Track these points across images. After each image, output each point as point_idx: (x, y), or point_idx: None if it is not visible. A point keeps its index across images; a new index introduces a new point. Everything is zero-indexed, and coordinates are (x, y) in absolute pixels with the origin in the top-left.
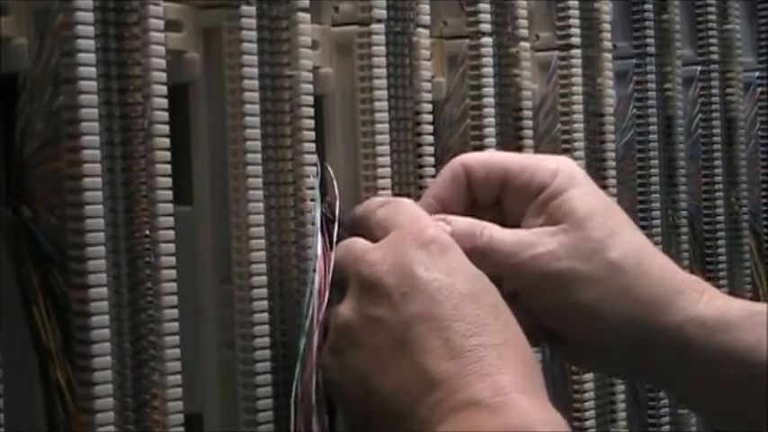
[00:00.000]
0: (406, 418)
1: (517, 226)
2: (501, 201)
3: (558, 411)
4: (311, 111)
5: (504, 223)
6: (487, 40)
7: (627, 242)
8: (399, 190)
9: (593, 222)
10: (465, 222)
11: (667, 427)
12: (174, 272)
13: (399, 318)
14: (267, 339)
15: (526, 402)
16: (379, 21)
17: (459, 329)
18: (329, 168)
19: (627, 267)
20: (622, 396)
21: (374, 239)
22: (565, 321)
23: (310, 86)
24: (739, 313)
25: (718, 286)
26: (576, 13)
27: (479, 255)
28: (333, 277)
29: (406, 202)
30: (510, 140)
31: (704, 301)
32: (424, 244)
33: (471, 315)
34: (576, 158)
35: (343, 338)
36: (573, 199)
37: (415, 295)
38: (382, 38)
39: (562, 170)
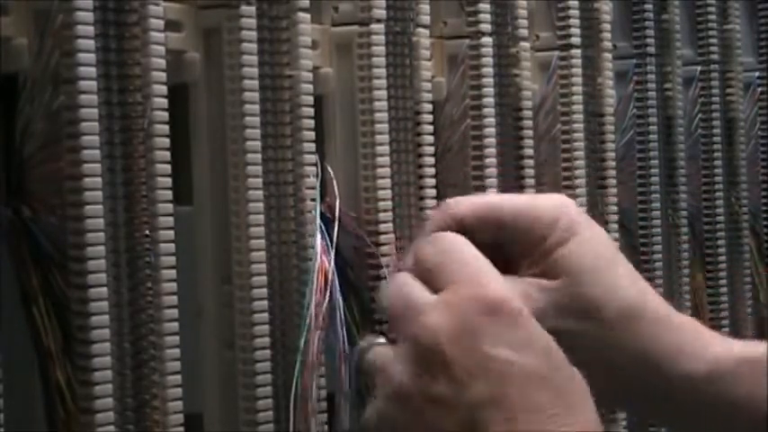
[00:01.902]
0: None
1: (518, 267)
2: (499, 244)
3: None
4: (311, 111)
5: (506, 264)
6: (487, 40)
7: (623, 298)
8: (399, 190)
9: (590, 278)
10: None
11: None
12: (174, 272)
13: (465, 400)
14: (267, 339)
15: None
16: (379, 21)
17: (527, 419)
18: (329, 168)
19: (621, 326)
20: None
21: (426, 281)
22: None
23: (310, 86)
24: (735, 362)
25: (718, 286)
26: (576, 13)
27: None
28: (380, 316)
29: (459, 241)
30: (510, 140)
31: (699, 354)
32: (491, 311)
33: (540, 403)
34: (575, 158)
35: (397, 407)
36: (570, 254)
37: (480, 375)
38: (382, 38)
39: (561, 219)
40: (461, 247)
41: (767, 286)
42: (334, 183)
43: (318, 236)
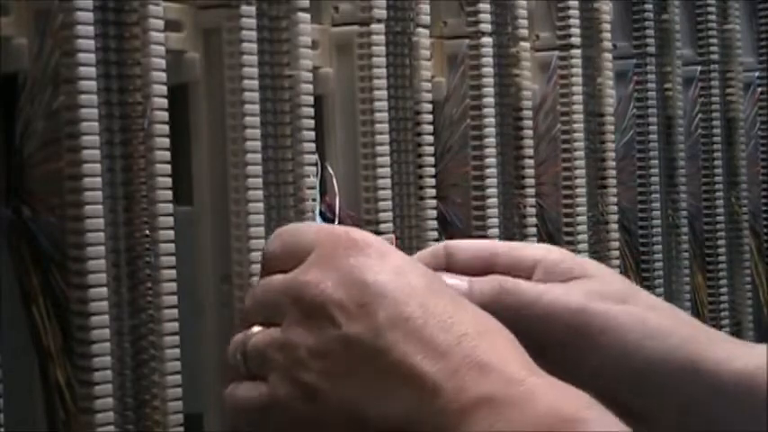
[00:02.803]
0: None
1: None
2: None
3: None
4: (311, 111)
5: None
6: (487, 40)
7: (646, 296)
8: (399, 190)
9: (609, 276)
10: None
11: None
12: (173, 272)
13: (366, 330)
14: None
15: (548, 387)
16: (379, 21)
17: (436, 324)
18: (329, 168)
19: (655, 313)
20: None
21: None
22: (594, 376)
23: (310, 86)
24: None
25: (718, 286)
26: (576, 13)
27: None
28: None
29: (300, 224)
30: (510, 140)
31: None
32: (360, 249)
33: (441, 308)
34: (575, 158)
35: (308, 374)
36: (582, 262)
37: (375, 302)
38: (382, 38)
39: (561, 250)
40: (306, 226)
41: (767, 286)
42: (335, 182)
43: None
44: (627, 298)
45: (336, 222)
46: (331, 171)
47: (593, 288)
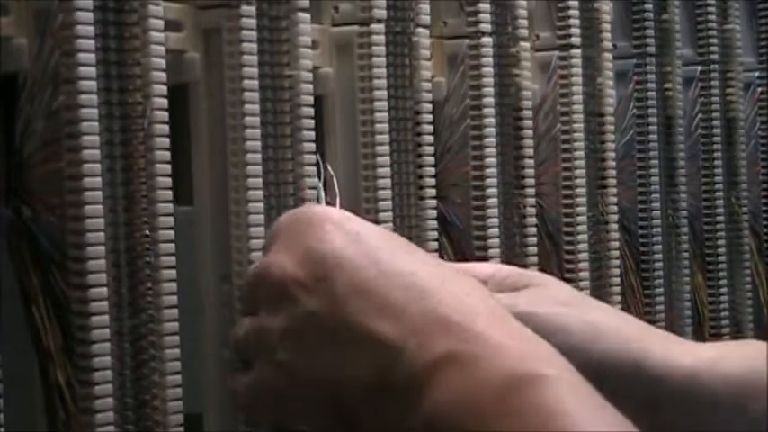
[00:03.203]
0: (386, 401)
1: None
2: None
3: None
4: (311, 111)
5: None
6: (487, 40)
7: (594, 301)
8: (399, 190)
9: (556, 284)
10: None
11: None
12: (173, 272)
13: (326, 303)
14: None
15: (510, 341)
16: (379, 21)
17: (397, 284)
18: (329, 168)
19: (601, 314)
20: None
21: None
22: None
23: (310, 86)
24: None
25: (718, 286)
26: (576, 13)
27: None
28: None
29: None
30: (510, 140)
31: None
32: (317, 224)
33: (402, 266)
34: (575, 158)
35: (283, 354)
36: (531, 274)
37: (332, 274)
38: (382, 38)
39: (510, 267)
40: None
41: (767, 286)
42: (335, 182)
43: None
44: (574, 303)
45: None
46: (331, 171)
47: (541, 294)
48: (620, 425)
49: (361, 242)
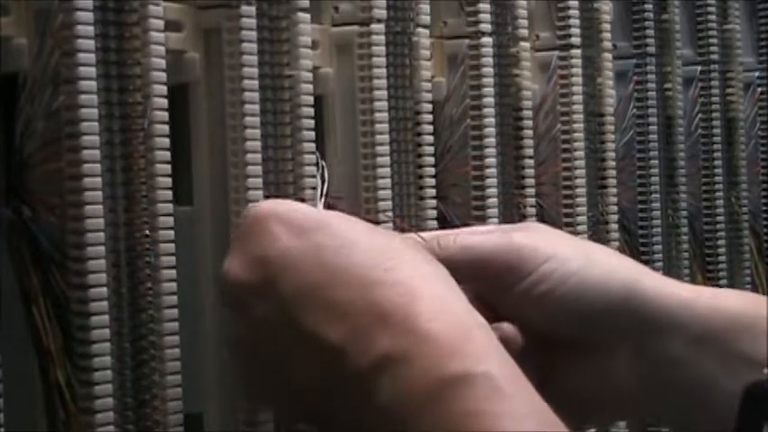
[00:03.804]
0: (338, 402)
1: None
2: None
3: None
4: (311, 111)
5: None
6: (487, 40)
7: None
8: (399, 190)
9: (551, 228)
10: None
11: (667, 428)
12: (174, 272)
13: (275, 307)
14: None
15: (442, 336)
16: (379, 21)
17: (343, 282)
18: (321, 161)
19: (604, 258)
20: None
21: None
22: (553, 316)
23: (310, 86)
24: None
25: (719, 286)
26: (576, 13)
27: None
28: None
29: None
30: (510, 140)
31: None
32: (263, 225)
33: (351, 259)
34: (575, 158)
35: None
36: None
37: (279, 276)
38: (382, 38)
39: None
40: None
41: (767, 286)
42: (325, 173)
43: None
44: (569, 237)
45: None
46: (323, 163)
47: (537, 229)
48: (547, 425)
49: (303, 238)
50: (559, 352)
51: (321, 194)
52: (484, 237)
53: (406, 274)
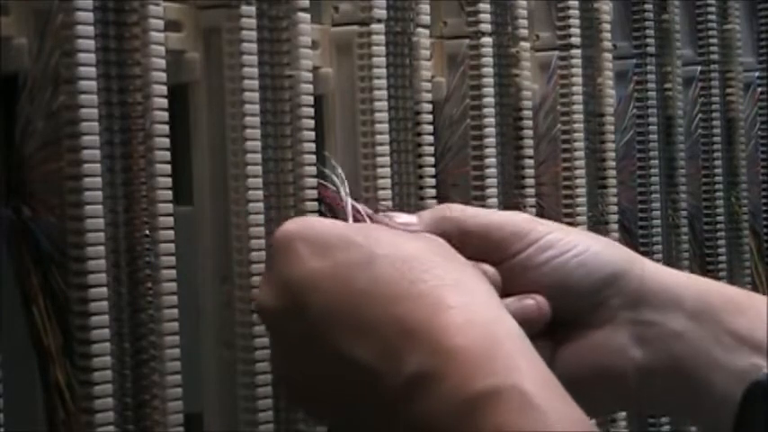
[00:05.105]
0: (377, 416)
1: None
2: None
3: None
4: (311, 111)
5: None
6: (487, 40)
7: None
8: (399, 190)
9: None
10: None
11: (667, 428)
12: (174, 272)
13: (304, 331)
14: (267, 339)
15: (469, 354)
16: (379, 21)
17: (368, 302)
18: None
19: (607, 240)
20: None
21: None
22: (557, 289)
23: (310, 86)
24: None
25: None
26: (576, 13)
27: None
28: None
29: None
30: (510, 140)
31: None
32: (284, 248)
33: (375, 276)
34: (575, 158)
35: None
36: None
37: (304, 298)
38: (382, 38)
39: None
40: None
41: (767, 286)
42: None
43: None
44: (574, 230)
45: (350, 219)
46: (334, 163)
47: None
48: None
49: (328, 257)
50: (560, 331)
51: (346, 196)
52: (492, 210)
53: (431, 284)
